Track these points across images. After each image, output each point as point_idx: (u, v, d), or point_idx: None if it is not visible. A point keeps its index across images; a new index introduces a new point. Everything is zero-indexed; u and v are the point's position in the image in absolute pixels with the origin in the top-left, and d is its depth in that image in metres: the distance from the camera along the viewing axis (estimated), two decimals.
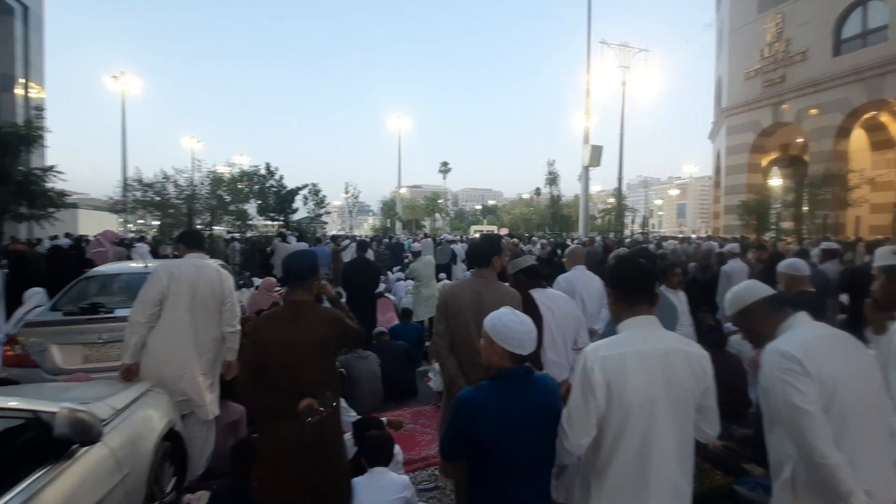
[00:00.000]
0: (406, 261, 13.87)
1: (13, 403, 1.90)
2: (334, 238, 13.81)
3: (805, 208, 16.72)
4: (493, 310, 2.38)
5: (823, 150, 18.63)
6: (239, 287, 7.10)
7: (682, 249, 12.63)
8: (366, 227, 67.15)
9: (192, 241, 3.50)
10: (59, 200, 8.83)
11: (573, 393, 1.52)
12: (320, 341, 2.24)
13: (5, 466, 1.77)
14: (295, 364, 2.18)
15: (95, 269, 5.39)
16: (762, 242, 11.73)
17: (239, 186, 12.50)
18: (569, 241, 18.15)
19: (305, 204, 17.86)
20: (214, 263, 4.81)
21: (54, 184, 8.76)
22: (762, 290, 1.74)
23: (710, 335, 4.11)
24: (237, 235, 12.99)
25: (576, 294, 3.33)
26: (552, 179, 33.84)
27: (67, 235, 12.20)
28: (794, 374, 1.47)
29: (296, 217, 17.14)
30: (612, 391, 1.45)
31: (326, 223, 22.84)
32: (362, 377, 4.77)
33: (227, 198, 11.23)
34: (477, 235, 34.88)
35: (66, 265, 6.43)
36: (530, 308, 2.44)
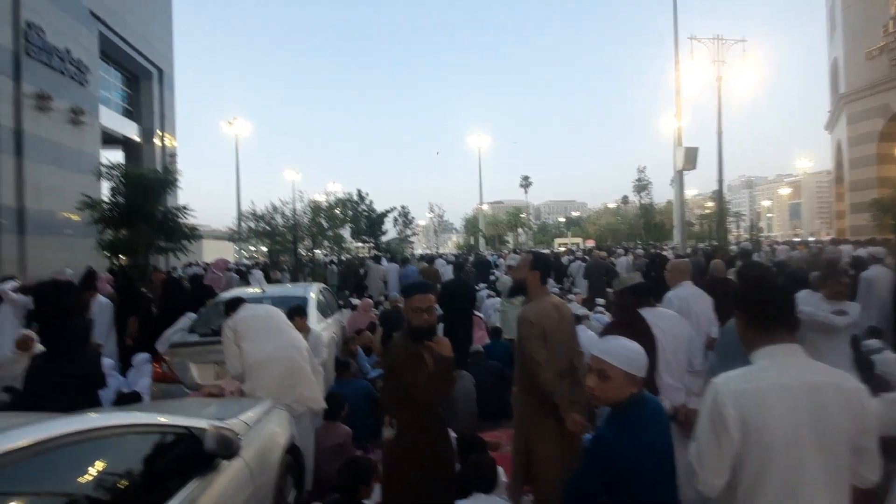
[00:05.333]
0: (492, 278, 13.86)
1: (172, 420, 2.17)
2: (424, 257, 14.23)
3: None
4: (570, 329, 2.36)
5: None
6: (340, 308, 7.60)
7: (798, 256, 11.23)
8: (450, 245, 68.31)
9: (232, 307, 3.88)
10: (192, 234, 10.20)
11: (701, 428, 1.41)
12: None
13: (165, 475, 2.03)
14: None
15: (221, 295, 6.07)
16: None
17: (335, 213, 13.50)
18: (665, 252, 16.97)
19: (395, 225, 18.72)
20: (307, 290, 5.27)
21: (187, 220, 10.13)
22: None
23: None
24: (334, 258, 13.95)
25: (689, 314, 3.08)
26: (642, 186, 32.02)
27: (196, 264, 13.96)
28: None
29: (385, 238, 18.03)
30: (749, 429, 1.31)
31: (413, 243, 23.65)
32: (458, 397, 4.80)
33: (325, 224, 12.18)
34: (562, 249, 33.92)
35: (202, 291, 7.42)
36: (641, 329, 2.32)
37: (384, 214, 17.94)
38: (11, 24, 12.16)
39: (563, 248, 36.02)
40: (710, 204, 37.29)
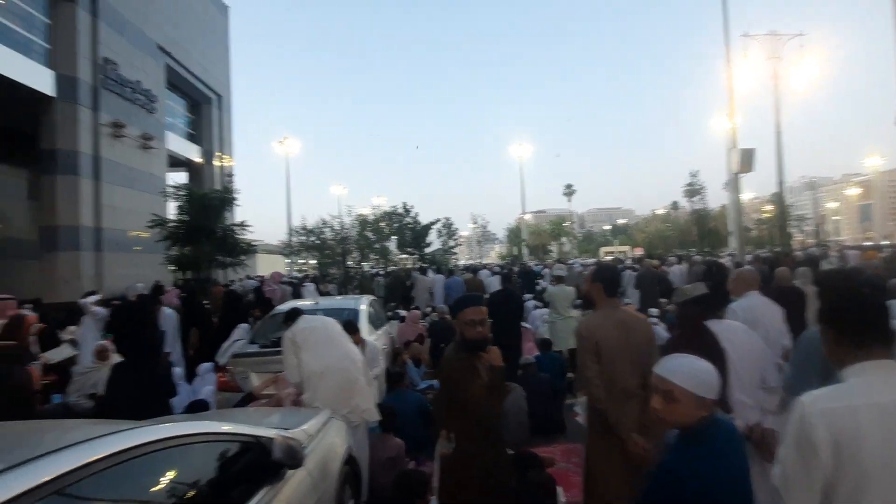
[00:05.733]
0: (538, 288, 13.64)
1: (243, 429, 2.27)
2: (468, 268, 14.26)
3: None
4: (643, 346, 2.21)
5: None
6: (388, 319, 7.73)
7: (869, 262, 10.33)
8: (492, 256, 68.01)
9: (292, 318, 4.01)
10: (249, 249, 10.77)
11: (786, 451, 1.32)
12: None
13: (238, 483, 2.11)
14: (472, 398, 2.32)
15: (278, 308, 6.33)
16: None
17: (381, 226, 13.83)
18: (722, 260, 16.11)
19: (439, 237, 18.91)
20: (358, 303, 5.42)
21: (244, 236, 10.71)
22: None
23: None
24: (380, 271, 14.23)
25: (758, 325, 2.89)
26: (693, 191, 30.69)
27: (251, 278, 14.65)
28: None
29: (430, 250, 18.23)
30: (842, 453, 1.21)
31: (457, 254, 23.76)
32: (509, 410, 4.70)
33: (372, 237, 12.50)
34: (609, 258, 32.97)
35: (263, 303, 7.82)
36: (710, 343, 2.21)
37: (428, 226, 18.18)
38: (91, 61, 13.39)
39: (610, 258, 35.00)
40: (769, 207, 35.14)
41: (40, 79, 12.36)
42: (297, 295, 10.37)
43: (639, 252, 42.83)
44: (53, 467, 1.30)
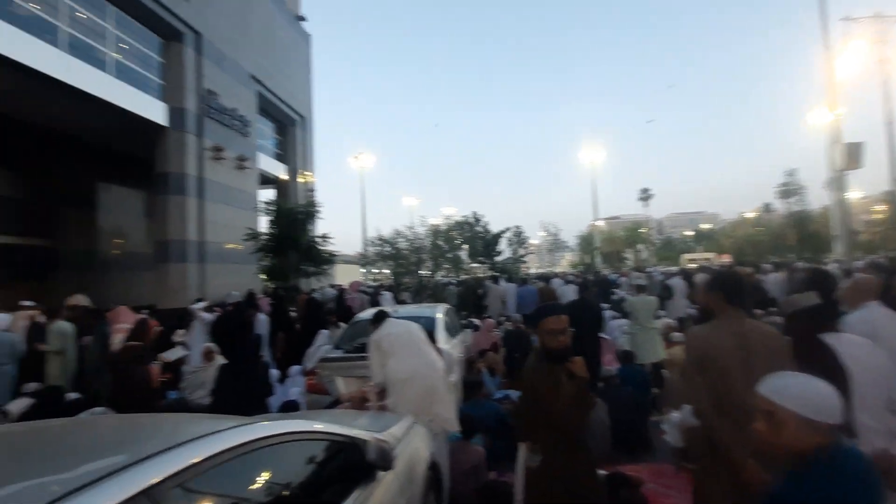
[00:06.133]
0: (613, 297, 13.10)
1: (339, 430, 2.41)
2: (541, 277, 14.04)
3: None
4: (768, 361, 1.99)
5: None
6: (463, 328, 7.82)
7: None
8: (564, 264, 66.19)
9: (378, 321, 4.16)
10: (331, 259, 11.46)
11: None
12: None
13: (335, 482, 2.20)
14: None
15: (358, 315, 6.65)
16: None
17: (452, 236, 14.07)
18: (827, 266, 14.46)
19: (509, 246, 18.80)
20: (434, 312, 5.57)
21: (326, 247, 11.41)
22: None
23: None
24: (452, 280, 14.44)
25: (879, 340, 2.56)
26: (789, 191, 27.92)
27: (331, 286, 15.52)
28: None
29: (500, 259, 18.19)
30: None
31: (527, 262, 23.45)
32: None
33: (445, 247, 12.75)
34: (693, 266, 30.77)
35: (345, 310, 8.30)
36: (828, 359, 2.00)
37: (499, 235, 18.14)
38: (196, 93, 15.03)
39: (693, 265, 32.69)
40: (881, 207, 30.95)
41: (155, 111, 14.08)
42: (374, 303, 10.81)
43: (726, 259, 39.51)
44: (186, 456, 1.41)
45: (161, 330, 7.12)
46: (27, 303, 8.12)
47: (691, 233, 74.78)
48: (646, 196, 61.43)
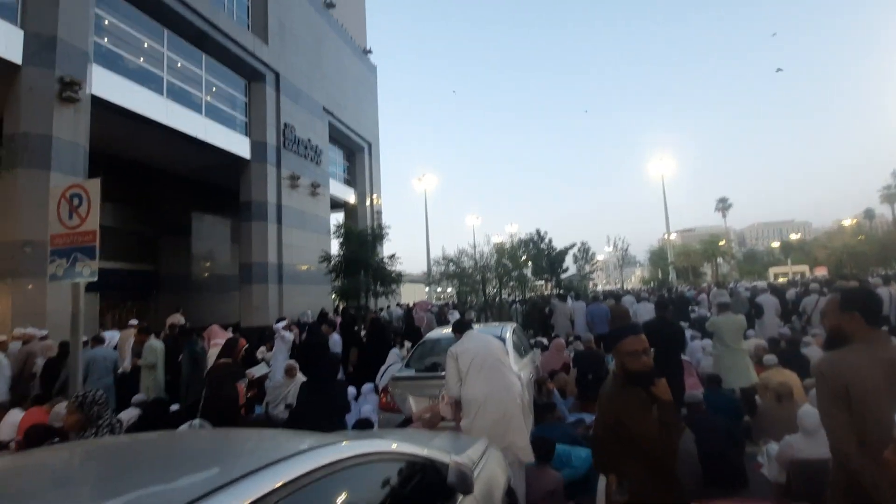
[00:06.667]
0: (693, 315, 12.25)
1: (420, 451, 2.43)
2: (610, 294, 13.49)
3: None
4: None
5: None
6: (532, 348, 7.65)
7: None
8: (634, 280, 63.11)
9: (461, 328, 4.14)
10: (398, 279, 11.79)
11: None
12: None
13: (414, 503, 2.23)
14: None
15: (427, 335, 6.74)
16: None
17: (517, 254, 13.96)
18: None
19: (575, 262, 18.30)
20: (503, 331, 5.48)
21: (395, 267, 11.77)
22: None
23: None
24: (517, 298, 14.27)
25: None
26: (894, 195, 24.85)
27: (398, 305, 15.93)
28: None
29: (566, 275, 17.73)
30: None
31: (594, 279, 22.64)
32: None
33: (510, 265, 12.67)
34: (782, 280, 28.13)
35: (412, 329, 8.49)
36: None
37: (564, 252, 17.73)
38: (276, 127, 16.30)
39: (782, 279, 29.86)
40: None
41: (241, 146, 15.44)
42: (441, 322, 10.91)
43: (821, 272, 35.69)
44: (284, 473, 1.46)
45: (248, 347, 7.66)
46: (133, 322, 9.09)
47: (777, 244, 68.50)
48: (724, 206, 57.37)
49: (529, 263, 16.41)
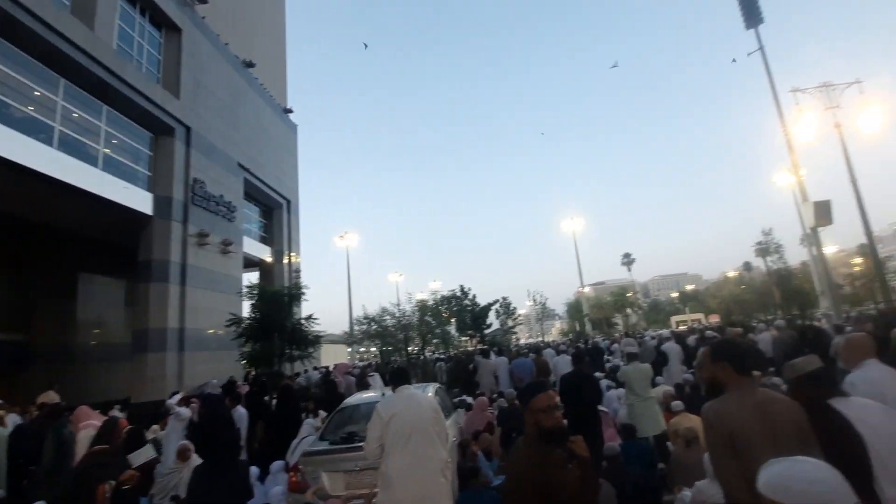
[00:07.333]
0: (608, 365, 12.79)
1: None
2: (534, 348, 13.75)
3: None
4: (791, 433, 1.86)
5: None
6: (456, 408, 7.42)
7: None
8: (554, 332, 65.47)
9: (397, 380, 3.88)
10: (316, 341, 11.09)
11: None
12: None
13: None
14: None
15: (346, 401, 6.29)
16: None
17: (440, 311, 13.89)
18: (818, 323, 14.52)
19: (498, 317, 18.59)
20: (425, 392, 5.20)
21: (312, 328, 11.09)
22: None
23: None
24: (442, 355, 14.03)
25: (887, 400, 2.44)
26: (766, 250, 28.74)
27: (315, 369, 14.94)
28: None
29: (489, 331, 17.90)
30: None
31: (517, 333, 23.12)
32: None
33: (433, 322, 12.52)
34: (683, 328, 30.68)
35: (330, 395, 7.85)
36: (841, 428, 1.87)
37: (487, 308, 18.01)
38: (183, 182, 15.38)
39: (683, 327, 32.60)
40: (859, 260, 31.93)
41: (142, 201, 14.27)
42: (362, 386, 10.33)
43: (714, 319, 39.55)
44: None
45: (131, 428, 6.63)
46: None
47: (676, 294, 75.49)
48: (629, 260, 62.56)
49: (453, 320, 16.43)
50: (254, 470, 5.40)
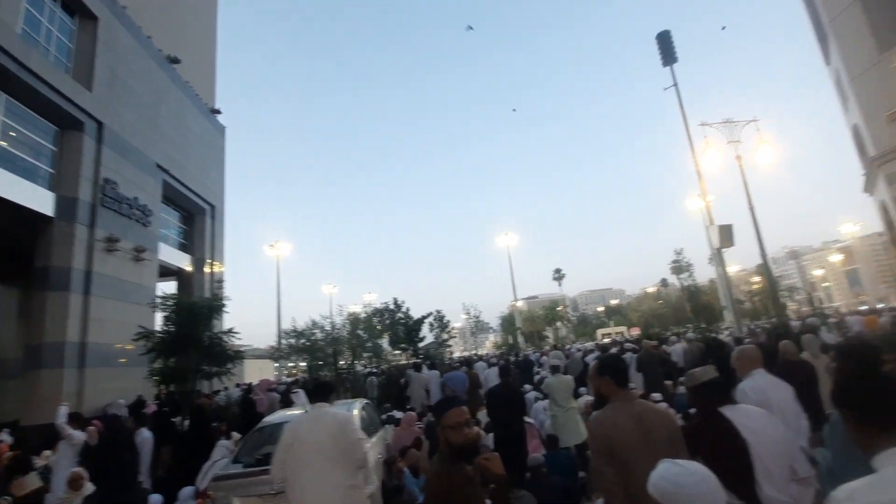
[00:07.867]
0: (537, 377, 13.14)
1: None
2: (466, 361, 13.83)
3: None
4: (665, 442, 1.99)
5: None
6: (383, 424, 7.25)
7: (872, 328, 10.25)
8: (488, 345, 66.56)
9: (316, 395, 3.78)
10: (236, 356, 10.37)
11: None
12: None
13: None
14: None
15: (265, 419, 5.93)
16: None
17: (372, 323, 13.60)
18: (721, 336, 15.88)
19: (432, 331, 18.54)
20: (350, 409, 5.02)
21: (232, 343, 10.37)
22: None
23: None
24: (374, 370, 13.70)
25: (771, 408, 2.71)
26: (679, 268, 31.28)
27: (238, 386, 13.99)
28: None
29: (423, 344, 17.77)
30: None
31: (451, 347, 23.20)
32: None
33: (364, 336, 12.21)
34: (606, 340, 32.40)
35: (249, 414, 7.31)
36: (727, 433, 2.04)
37: (420, 321, 17.89)
38: (92, 182, 14.00)
39: (607, 340, 34.44)
40: (757, 278, 35.67)
41: (42, 201, 12.80)
42: (286, 403, 9.82)
43: (636, 332, 42.25)
44: None
45: (15, 454, 5.82)
46: None
47: (602, 308, 79.86)
48: (559, 276, 65.32)
49: (386, 334, 16.14)
50: (155, 498, 4.91)
